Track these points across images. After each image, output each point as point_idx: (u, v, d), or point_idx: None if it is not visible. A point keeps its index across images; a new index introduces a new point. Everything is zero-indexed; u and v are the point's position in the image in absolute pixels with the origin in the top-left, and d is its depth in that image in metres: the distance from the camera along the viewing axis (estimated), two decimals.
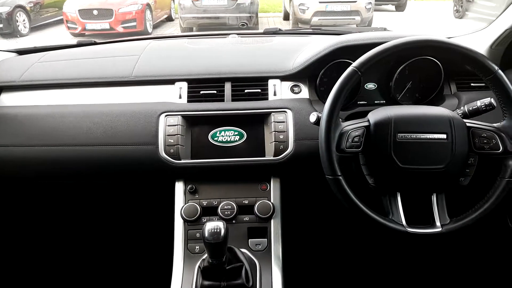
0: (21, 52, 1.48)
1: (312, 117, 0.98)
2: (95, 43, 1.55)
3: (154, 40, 1.50)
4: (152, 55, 1.33)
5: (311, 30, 1.64)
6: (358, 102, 1.28)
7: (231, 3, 7.29)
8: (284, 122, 1.13)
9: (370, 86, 1.27)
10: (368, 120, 0.97)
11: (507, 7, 1.23)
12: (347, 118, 1.18)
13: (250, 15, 7.44)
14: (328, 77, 1.23)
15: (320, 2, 7.44)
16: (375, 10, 7.97)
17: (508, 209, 1.47)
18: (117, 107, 1.17)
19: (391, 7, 10.89)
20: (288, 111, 1.14)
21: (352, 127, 0.95)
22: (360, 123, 0.96)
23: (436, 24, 9.07)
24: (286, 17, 8.87)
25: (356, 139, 0.93)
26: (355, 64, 0.92)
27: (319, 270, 1.62)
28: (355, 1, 7.46)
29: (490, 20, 1.34)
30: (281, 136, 1.11)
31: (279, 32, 1.63)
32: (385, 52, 0.90)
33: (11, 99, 1.23)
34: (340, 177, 0.91)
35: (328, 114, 0.91)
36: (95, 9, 7.21)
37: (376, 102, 1.29)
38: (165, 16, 9.17)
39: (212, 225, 0.86)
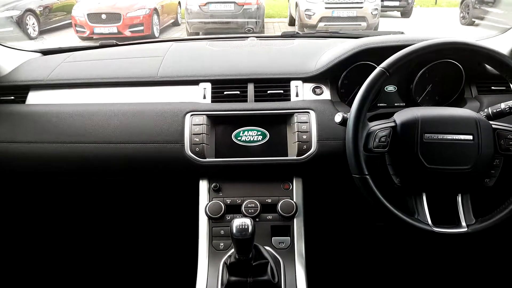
0: (45, 52, 1.50)
1: (338, 117, 1.00)
2: (117, 45, 1.58)
3: (176, 42, 1.52)
4: (175, 56, 1.35)
5: (329, 33, 1.66)
6: (378, 104, 1.30)
7: (238, 8, 7.36)
8: (307, 122, 1.14)
9: (390, 88, 1.28)
10: (394, 121, 0.98)
11: None
12: (370, 120, 1.19)
13: (256, 20, 7.51)
14: (349, 79, 1.24)
15: (326, 8, 7.49)
16: (381, 17, 8.01)
17: None
18: (144, 106, 1.19)
19: (397, 13, 10.94)
20: (311, 112, 1.16)
21: (379, 127, 0.96)
22: (387, 123, 0.97)
23: (443, 31, 9.10)
24: (292, 22, 8.91)
25: (383, 139, 0.94)
26: (383, 64, 0.94)
27: (342, 268, 1.63)
28: (361, 7, 7.50)
29: (499, 27, 1.36)
30: (304, 136, 1.13)
31: (297, 36, 1.66)
32: (414, 53, 0.92)
33: (39, 98, 1.25)
34: (367, 176, 0.92)
35: (356, 114, 0.93)
36: (103, 13, 7.29)
37: (396, 104, 1.30)
38: (172, 21, 9.25)
39: (240, 222, 0.86)
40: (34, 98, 1.25)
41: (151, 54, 1.37)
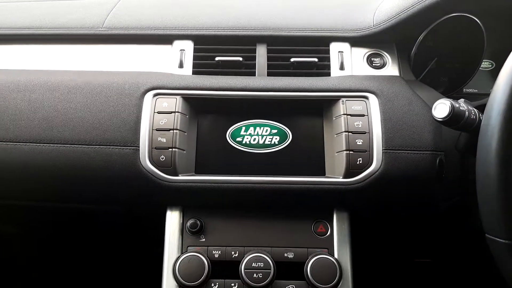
0: None
1: (443, 109, 0.54)
2: None
3: None
4: None
5: None
6: (466, 90, 0.83)
7: None
8: (364, 116, 0.66)
9: (486, 64, 0.85)
10: None
11: None
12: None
13: None
14: (433, 42, 0.75)
15: None
16: None
17: None
18: (72, 77, 0.72)
19: None
20: (371, 97, 0.68)
21: None
22: None
23: None
24: None
25: None
26: None
27: None
28: None
29: None
30: (359, 142, 0.64)
31: None
32: None
33: None
34: None
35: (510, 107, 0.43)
36: None
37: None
38: None
39: None
40: None
41: None
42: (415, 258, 1.19)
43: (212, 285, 0.63)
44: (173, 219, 0.68)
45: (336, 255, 0.65)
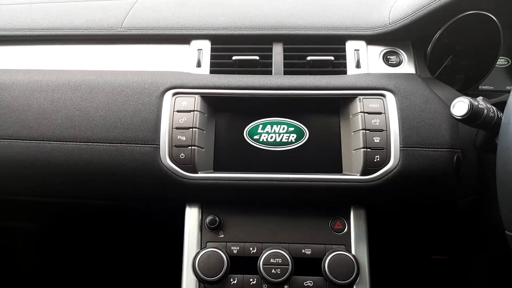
0: None
1: (462, 107, 0.53)
2: None
3: None
4: None
5: None
6: (481, 87, 0.82)
7: None
8: (381, 113, 0.66)
9: (502, 61, 0.84)
10: None
11: None
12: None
13: None
14: (449, 39, 0.75)
15: None
16: None
17: None
18: (93, 77, 0.73)
19: None
20: (388, 95, 0.68)
21: None
22: None
23: None
24: None
25: None
26: None
27: None
28: None
29: None
30: (377, 139, 0.64)
31: None
32: None
33: None
34: None
35: None
36: None
37: (508, 88, 0.83)
38: None
39: None
40: None
41: None
42: (431, 255, 1.18)
43: (231, 280, 0.64)
44: (192, 216, 0.69)
45: (353, 252, 0.65)
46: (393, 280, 1.09)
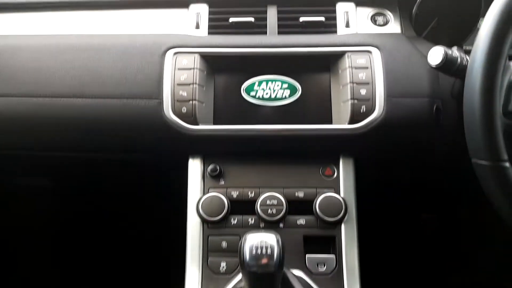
0: None
1: (437, 55, 0.58)
2: None
3: None
4: None
5: None
6: (465, 47, 0.84)
7: None
8: (367, 68, 0.71)
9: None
10: None
11: None
12: None
13: None
14: (434, 0, 0.79)
15: None
16: None
17: None
18: (98, 39, 0.78)
19: None
20: (374, 51, 0.73)
21: None
22: None
23: None
24: None
25: None
26: None
27: None
28: None
29: None
30: (363, 91, 0.69)
31: None
32: None
33: None
34: (508, 165, 0.49)
35: (492, 45, 0.49)
36: None
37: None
38: None
39: (257, 241, 0.54)
40: None
41: None
42: (421, 213, 1.24)
43: (232, 220, 0.71)
44: (195, 166, 0.75)
45: (342, 194, 0.71)
46: (381, 233, 1.16)
